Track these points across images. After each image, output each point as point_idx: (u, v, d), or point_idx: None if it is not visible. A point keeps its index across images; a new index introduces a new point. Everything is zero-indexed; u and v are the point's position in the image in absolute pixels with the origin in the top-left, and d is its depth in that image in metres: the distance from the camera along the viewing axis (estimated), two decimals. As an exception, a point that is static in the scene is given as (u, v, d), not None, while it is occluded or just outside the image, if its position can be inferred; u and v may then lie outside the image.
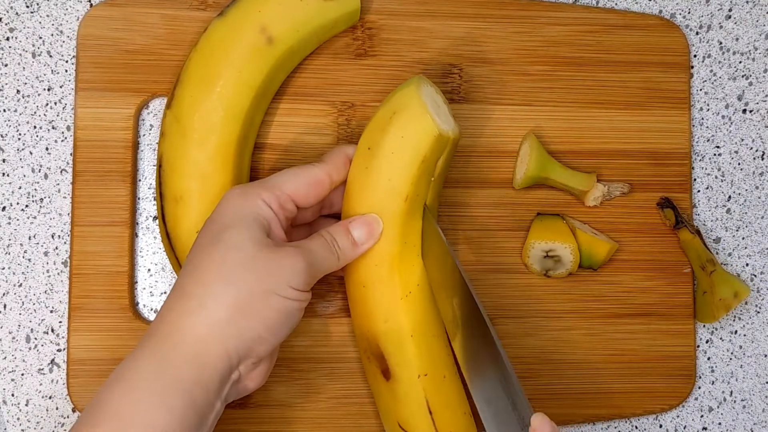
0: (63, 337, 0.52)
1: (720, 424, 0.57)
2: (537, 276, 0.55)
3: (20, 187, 0.53)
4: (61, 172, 0.53)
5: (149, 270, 0.53)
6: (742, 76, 0.58)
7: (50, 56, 0.53)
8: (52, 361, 0.52)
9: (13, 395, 0.52)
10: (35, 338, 0.52)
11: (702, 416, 0.57)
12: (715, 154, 0.58)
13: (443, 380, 0.48)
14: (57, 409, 0.52)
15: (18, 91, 0.53)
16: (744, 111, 0.58)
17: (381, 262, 0.47)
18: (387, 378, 0.48)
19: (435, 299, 0.48)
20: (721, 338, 0.57)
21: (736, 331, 0.57)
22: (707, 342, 0.57)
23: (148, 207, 0.53)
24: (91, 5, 0.54)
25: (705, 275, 0.55)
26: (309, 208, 0.48)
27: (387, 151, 0.45)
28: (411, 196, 0.46)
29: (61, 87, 0.53)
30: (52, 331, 0.53)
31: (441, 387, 0.48)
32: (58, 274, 0.53)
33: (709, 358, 0.57)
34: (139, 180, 0.53)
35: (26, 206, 0.53)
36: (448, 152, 0.47)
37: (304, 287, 0.43)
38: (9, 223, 0.53)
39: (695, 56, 0.58)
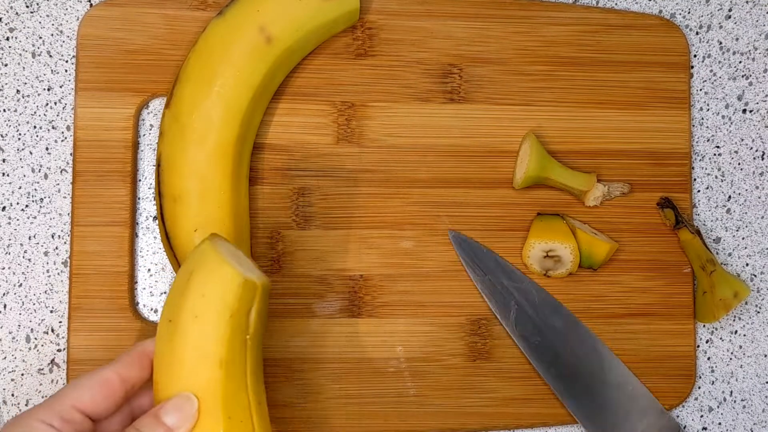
0: (63, 337, 0.52)
1: (720, 424, 0.57)
2: (537, 276, 0.55)
3: (20, 187, 0.53)
4: (61, 172, 0.53)
5: (149, 270, 0.53)
6: (742, 76, 0.58)
7: (50, 56, 0.53)
8: (52, 361, 0.52)
9: (13, 395, 0.52)
10: (35, 338, 0.52)
11: (702, 416, 0.57)
12: (715, 154, 0.57)
13: None
14: (57, 409, 0.52)
15: (18, 91, 0.53)
16: (744, 111, 0.58)
17: None
18: None
19: None
20: (721, 338, 0.57)
21: (736, 331, 0.57)
22: (707, 342, 0.57)
23: (148, 207, 0.53)
24: (91, 5, 0.54)
25: (705, 275, 0.55)
26: (113, 416, 0.43)
27: (190, 315, 0.40)
28: (226, 359, 0.40)
29: (61, 87, 0.53)
30: (52, 331, 0.53)
31: None
32: (58, 274, 0.53)
33: (709, 358, 0.57)
34: (139, 180, 0.53)
35: (26, 206, 0.53)
36: (260, 304, 0.42)
37: None
38: (9, 223, 0.53)
39: (695, 56, 0.58)
